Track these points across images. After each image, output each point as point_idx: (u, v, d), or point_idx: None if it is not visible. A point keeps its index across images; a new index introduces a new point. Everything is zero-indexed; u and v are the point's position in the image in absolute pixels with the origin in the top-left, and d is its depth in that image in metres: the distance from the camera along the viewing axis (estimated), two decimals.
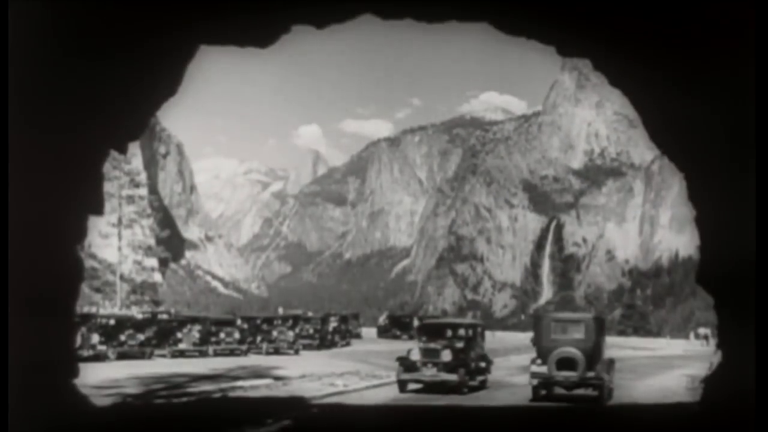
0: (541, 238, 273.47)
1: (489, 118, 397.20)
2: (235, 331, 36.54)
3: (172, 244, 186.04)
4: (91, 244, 66.07)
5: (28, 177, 12.10)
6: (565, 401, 19.76)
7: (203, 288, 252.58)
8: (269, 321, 40.49)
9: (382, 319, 66.64)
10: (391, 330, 58.49)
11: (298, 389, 21.33)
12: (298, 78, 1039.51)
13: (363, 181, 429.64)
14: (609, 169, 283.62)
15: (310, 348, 40.45)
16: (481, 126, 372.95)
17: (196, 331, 34.92)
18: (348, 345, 45.56)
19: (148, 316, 36.93)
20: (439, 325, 25.74)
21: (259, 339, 37.70)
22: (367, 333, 59.33)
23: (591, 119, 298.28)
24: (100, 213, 15.36)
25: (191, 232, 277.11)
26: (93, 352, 29.77)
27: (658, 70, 13.72)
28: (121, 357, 31.09)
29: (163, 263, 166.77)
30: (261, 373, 25.82)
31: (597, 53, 14.88)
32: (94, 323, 31.09)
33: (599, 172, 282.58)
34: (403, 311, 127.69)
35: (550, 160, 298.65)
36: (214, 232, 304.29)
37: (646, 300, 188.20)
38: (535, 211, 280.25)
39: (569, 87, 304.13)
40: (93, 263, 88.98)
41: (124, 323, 33.05)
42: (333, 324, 45.86)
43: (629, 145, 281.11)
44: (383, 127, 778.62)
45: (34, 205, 12.57)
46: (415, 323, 54.03)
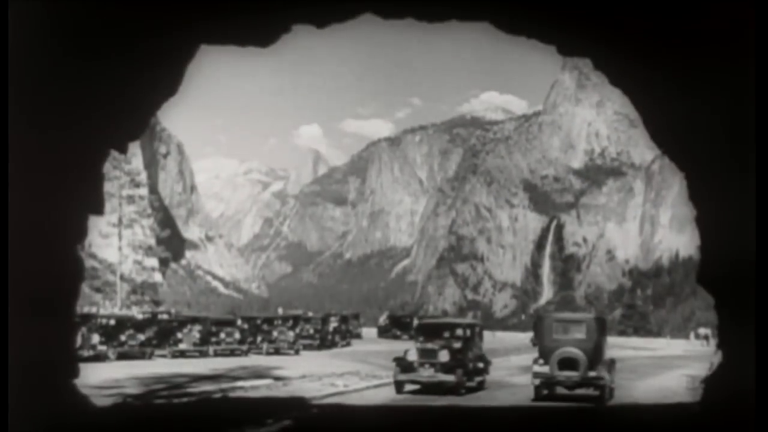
0: (542, 238, 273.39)
1: (489, 117, 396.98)
2: (236, 331, 36.56)
3: (172, 244, 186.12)
4: (91, 244, 66.24)
5: (28, 177, 12.10)
6: (566, 401, 19.82)
7: (203, 288, 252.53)
8: (270, 321, 40.51)
9: (383, 319, 66.67)
10: (392, 330, 58.50)
11: (298, 389, 21.33)
12: (299, 78, 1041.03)
13: (363, 181, 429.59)
14: (609, 168, 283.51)
15: (311, 348, 40.46)
16: (481, 126, 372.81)
17: (196, 332, 34.95)
18: (348, 345, 45.57)
19: (149, 316, 36.94)
20: (436, 325, 25.41)
21: (259, 339, 37.72)
22: (368, 333, 59.34)
23: (591, 119, 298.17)
24: (100, 213, 15.37)
25: (191, 232, 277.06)
26: (93, 352, 29.81)
27: (658, 70, 13.72)
28: (122, 357, 31.12)
29: (163, 263, 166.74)
30: (261, 374, 25.83)
31: (597, 53, 14.88)
32: (94, 323, 31.13)
33: (600, 172, 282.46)
34: (404, 311, 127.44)
35: (550, 159, 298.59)
36: (215, 232, 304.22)
37: (647, 300, 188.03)
38: (536, 210, 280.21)
39: (569, 86, 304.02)
40: (93, 263, 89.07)
41: (125, 323, 33.08)
42: (333, 324, 45.88)
43: (630, 145, 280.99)
44: (384, 126, 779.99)
45: (34, 205, 12.57)
46: (416, 323, 54.00)
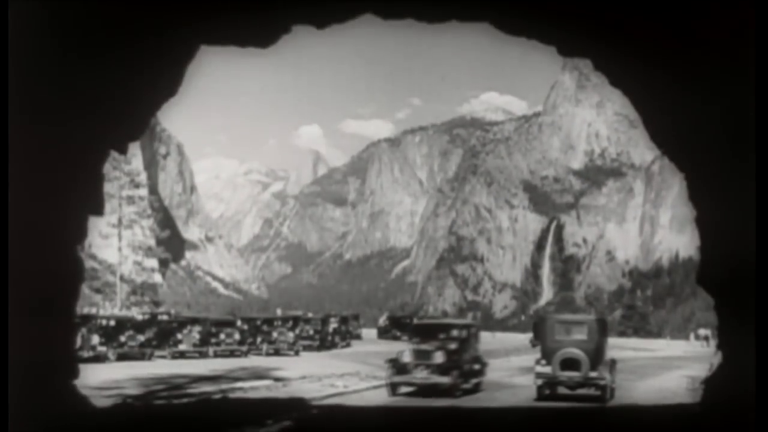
0: (542, 239, 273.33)
1: (489, 118, 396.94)
2: (235, 332, 36.55)
3: (172, 245, 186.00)
4: (91, 245, 66.14)
5: (28, 177, 12.10)
6: (568, 401, 19.93)
7: (203, 289, 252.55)
8: (269, 322, 40.46)
9: (383, 320, 66.66)
10: (392, 331, 58.43)
11: (298, 390, 21.33)
12: (299, 78, 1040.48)
13: (363, 182, 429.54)
14: (609, 169, 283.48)
15: (310, 349, 40.44)
16: (481, 126, 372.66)
17: (196, 332, 34.94)
18: (348, 346, 45.54)
19: (148, 317, 36.90)
20: (431, 325, 25.05)
21: (259, 340, 37.71)
22: (368, 334, 59.32)
23: (591, 119, 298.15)
24: (100, 213, 15.37)
25: (191, 232, 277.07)
26: (93, 353, 29.80)
27: (658, 71, 13.72)
28: (122, 358, 31.13)
29: (163, 264, 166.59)
30: (261, 374, 25.82)
31: (597, 53, 14.88)
32: (94, 324, 31.12)
33: (599, 173, 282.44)
34: (404, 312, 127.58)
35: (550, 160, 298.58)
36: (215, 232, 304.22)
37: (647, 301, 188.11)
38: (536, 211, 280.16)
39: (570, 87, 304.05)
40: (93, 264, 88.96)
41: (125, 324, 33.07)
42: (333, 325, 45.84)
43: (629, 146, 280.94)
44: (383, 127, 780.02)
45: (34, 205, 12.57)
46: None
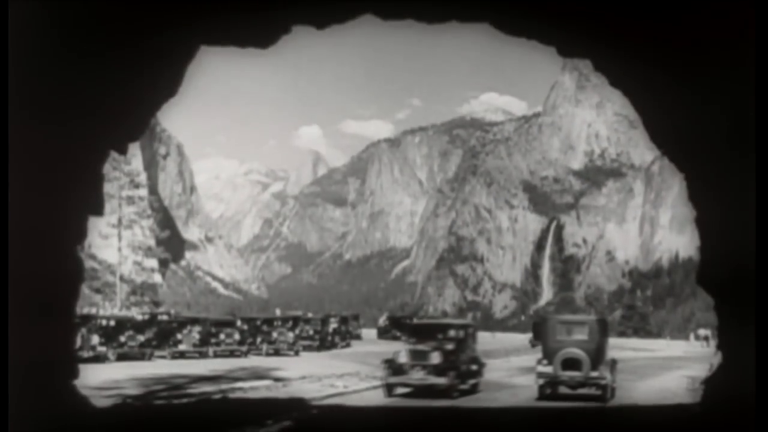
0: (542, 239, 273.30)
1: (489, 118, 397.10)
2: (235, 332, 36.53)
3: (172, 245, 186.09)
4: (91, 245, 65.96)
5: (28, 177, 12.10)
6: (569, 400, 20.06)
7: (203, 289, 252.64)
8: (269, 322, 40.42)
9: (383, 320, 66.62)
10: (391, 331, 58.39)
11: (298, 390, 21.33)
12: (299, 78, 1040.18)
13: (363, 182, 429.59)
14: (609, 169, 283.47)
15: (310, 349, 40.42)
16: (481, 127, 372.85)
17: (196, 333, 34.92)
18: (348, 346, 45.51)
19: (148, 317, 36.87)
20: (428, 326, 24.74)
21: (259, 340, 37.69)
22: (367, 334, 59.29)
23: (591, 120, 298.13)
24: (100, 214, 15.37)
25: (191, 232, 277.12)
26: (93, 353, 29.79)
27: (658, 71, 13.71)
28: (121, 358, 31.11)
29: (163, 264, 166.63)
30: (261, 375, 25.81)
31: (597, 53, 14.88)
32: (94, 324, 31.11)
33: (599, 173, 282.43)
34: (404, 312, 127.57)
35: (550, 160, 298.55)
36: (214, 232, 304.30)
37: (647, 301, 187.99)
38: (536, 211, 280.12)
39: (569, 88, 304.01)
40: (93, 264, 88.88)
41: (124, 324, 33.05)
42: (333, 325, 45.82)
43: (629, 146, 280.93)
44: (383, 127, 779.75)
45: (34, 205, 12.56)
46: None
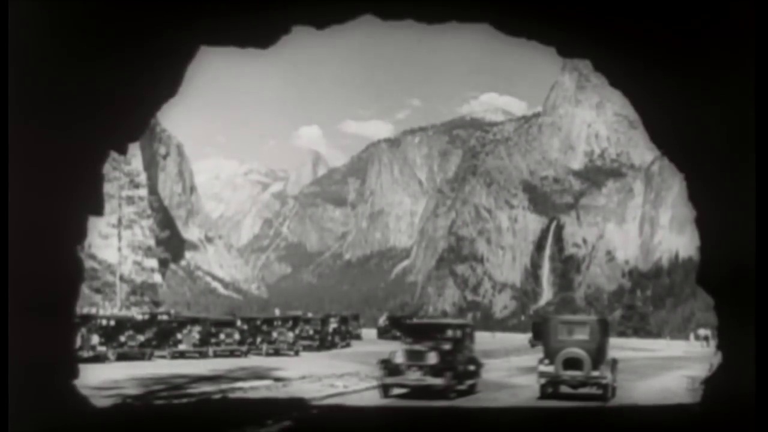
0: (541, 239, 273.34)
1: (489, 119, 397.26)
2: (235, 332, 36.53)
3: (172, 245, 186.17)
4: (91, 245, 65.98)
5: (28, 177, 12.10)
6: (571, 399, 20.19)
7: (203, 289, 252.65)
8: (269, 322, 40.37)
9: (382, 320, 66.59)
10: (391, 331, 58.33)
11: (298, 390, 21.32)
12: (299, 79, 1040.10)
13: (363, 182, 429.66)
14: (609, 169, 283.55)
15: (310, 349, 40.41)
16: (481, 127, 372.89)
17: (196, 332, 34.91)
18: (348, 346, 45.50)
19: (148, 317, 36.84)
20: (425, 325, 24.28)
21: (259, 340, 37.68)
22: (367, 334, 59.28)
23: (591, 120, 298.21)
24: (100, 213, 15.36)
25: (191, 232, 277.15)
26: (93, 353, 29.79)
27: (658, 70, 13.72)
28: (121, 358, 31.10)
29: (163, 264, 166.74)
30: (261, 374, 25.81)
31: (597, 54, 14.88)
32: (94, 324, 31.10)
33: (599, 173, 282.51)
34: (404, 312, 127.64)
35: (550, 161, 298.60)
36: (214, 232, 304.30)
37: (646, 301, 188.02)
38: (535, 211, 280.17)
39: (569, 88, 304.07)
40: (93, 264, 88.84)
41: (124, 324, 33.04)
42: (333, 325, 45.80)
43: (629, 146, 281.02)
44: (383, 128, 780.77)
45: (34, 205, 12.57)
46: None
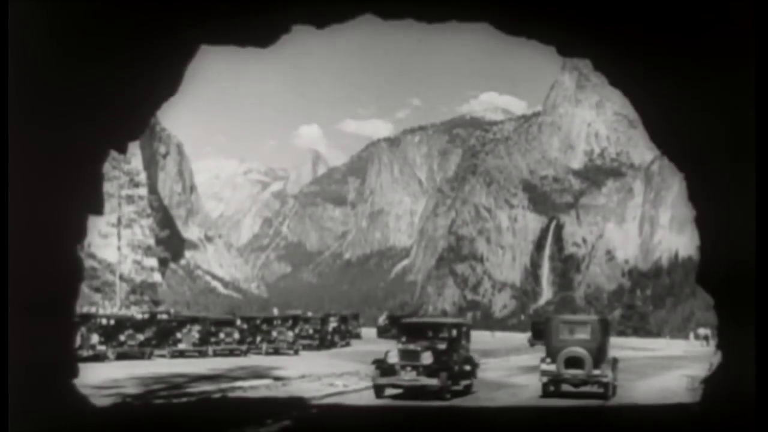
0: (541, 239, 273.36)
1: (489, 118, 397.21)
2: (235, 331, 36.54)
3: (171, 244, 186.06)
4: (90, 244, 66.15)
5: (28, 177, 12.10)
6: (572, 397, 20.34)
7: (203, 288, 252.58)
8: (269, 321, 40.41)
9: (382, 319, 66.62)
10: (391, 330, 58.32)
11: (297, 389, 21.33)
12: (299, 78, 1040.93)
13: (363, 181, 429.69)
14: (609, 169, 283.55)
15: (310, 348, 40.43)
16: (481, 126, 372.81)
17: (195, 332, 34.92)
18: (348, 345, 45.54)
19: (148, 317, 36.90)
20: (420, 324, 23.89)
21: (258, 339, 37.70)
22: (367, 333, 59.31)
23: (591, 119, 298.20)
24: (99, 213, 15.36)
25: (191, 232, 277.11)
26: (93, 352, 29.80)
27: (658, 70, 13.71)
28: (121, 357, 31.10)
29: (162, 263, 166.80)
30: (261, 374, 25.81)
31: (597, 53, 14.88)
32: (93, 323, 31.11)
33: (599, 173, 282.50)
34: (403, 311, 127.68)
35: (550, 160, 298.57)
36: (214, 232, 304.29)
37: (646, 300, 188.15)
38: (535, 211, 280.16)
39: (569, 87, 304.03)
40: (92, 263, 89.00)
41: (124, 323, 33.06)
42: (333, 324, 45.84)
43: (629, 146, 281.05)
44: (383, 127, 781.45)
45: (34, 205, 12.56)
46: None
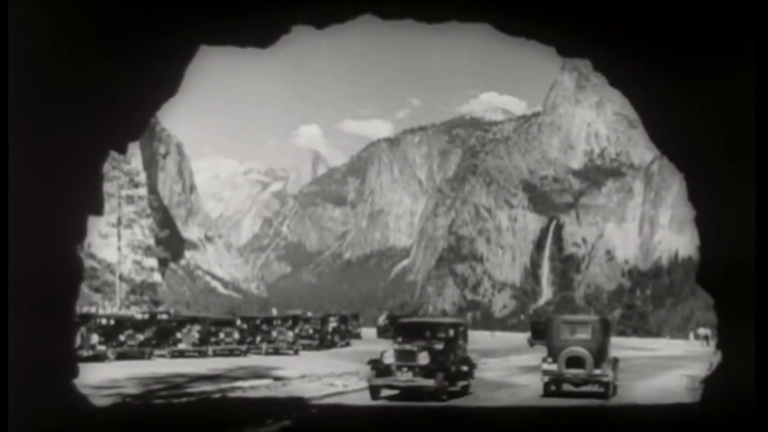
0: (541, 239, 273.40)
1: (489, 118, 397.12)
2: (235, 331, 36.53)
3: (171, 244, 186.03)
4: (90, 244, 66.11)
5: (28, 177, 12.10)
6: (573, 397, 20.45)
7: (203, 288, 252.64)
8: (269, 321, 40.40)
9: (382, 319, 66.60)
10: (391, 330, 58.29)
11: (297, 390, 21.34)
12: (298, 78, 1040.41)
13: (363, 182, 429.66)
14: (609, 169, 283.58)
15: (310, 348, 40.43)
16: (480, 126, 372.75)
17: (195, 332, 34.91)
18: (348, 345, 45.53)
19: (148, 317, 36.88)
20: (416, 324, 23.54)
21: (258, 339, 37.69)
22: (367, 333, 59.32)
23: (591, 119, 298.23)
24: (99, 213, 15.37)
25: (191, 232, 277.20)
26: (92, 352, 29.79)
27: (658, 71, 13.72)
28: (121, 357, 31.10)
29: (162, 263, 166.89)
30: (260, 374, 25.81)
31: (597, 53, 14.88)
32: (93, 323, 31.10)
33: (599, 173, 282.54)
34: (403, 311, 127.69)
35: (549, 160, 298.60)
36: (214, 232, 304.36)
37: (646, 300, 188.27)
38: (535, 211, 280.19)
39: (569, 87, 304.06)
40: (92, 263, 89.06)
41: (124, 323, 33.05)
42: (332, 324, 45.84)
43: (629, 146, 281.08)
44: (383, 127, 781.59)
45: (34, 205, 12.57)
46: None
